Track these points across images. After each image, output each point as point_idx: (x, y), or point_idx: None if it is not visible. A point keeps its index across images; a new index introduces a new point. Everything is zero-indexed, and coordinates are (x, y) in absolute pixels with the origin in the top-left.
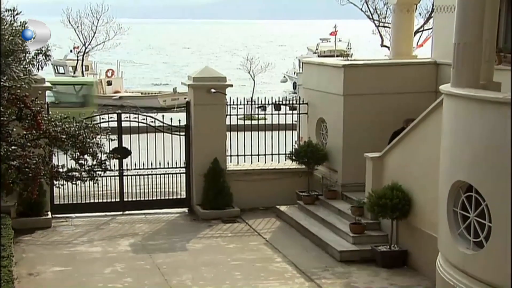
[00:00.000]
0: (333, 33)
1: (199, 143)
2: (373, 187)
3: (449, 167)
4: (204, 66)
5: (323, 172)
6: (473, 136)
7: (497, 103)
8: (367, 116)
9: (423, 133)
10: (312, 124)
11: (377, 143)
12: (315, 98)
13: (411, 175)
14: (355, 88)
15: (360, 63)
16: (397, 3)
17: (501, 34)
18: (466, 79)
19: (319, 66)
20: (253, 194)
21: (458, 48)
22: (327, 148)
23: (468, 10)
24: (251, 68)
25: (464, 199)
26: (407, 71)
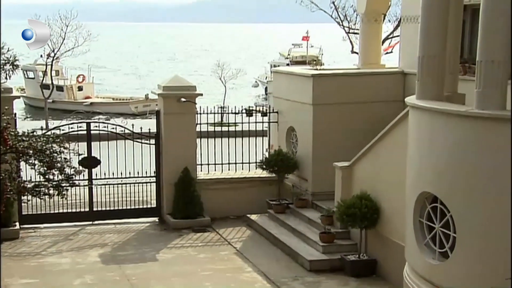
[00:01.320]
0: (305, 38)
1: (169, 152)
2: (342, 197)
3: (415, 178)
4: (174, 75)
5: (294, 181)
6: (437, 148)
7: (460, 116)
8: (337, 125)
9: (391, 143)
10: (282, 133)
11: (347, 152)
12: (285, 107)
13: (380, 184)
14: (324, 97)
15: (329, 73)
16: (365, 13)
17: (465, 45)
18: (431, 92)
19: (288, 75)
20: (224, 203)
21: (423, 61)
22: (297, 156)
23: (431, 24)
24: (222, 74)
25: (429, 210)
26: (375, 80)
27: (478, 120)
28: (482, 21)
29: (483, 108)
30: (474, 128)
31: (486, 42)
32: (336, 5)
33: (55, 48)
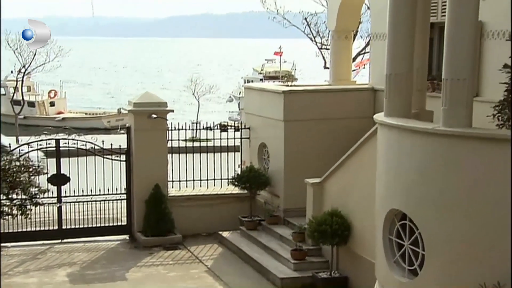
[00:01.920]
0: (278, 53)
1: (140, 168)
2: (314, 213)
3: (384, 195)
4: (145, 91)
5: (266, 197)
6: (405, 165)
7: (427, 133)
8: (308, 141)
9: (361, 159)
10: (254, 149)
11: (319, 168)
12: (256, 123)
13: (350, 201)
14: (295, 113)
15: (300, 89)
16: (336, 30)
17: (434, 62)
18: (398, 109)
19: (260, 92)
20: (196, 220)
21: (390, 78)
22: (269, 173)
23: (398, 42)
24: (196, 90)
25: (399, 227)
26: (346, 96)
27: (445, 138)
28: (447, 40)
29: (449, 125)
30: (441, 145)
31: (451, 60)
32: (309, 21)
33: (26, 63)
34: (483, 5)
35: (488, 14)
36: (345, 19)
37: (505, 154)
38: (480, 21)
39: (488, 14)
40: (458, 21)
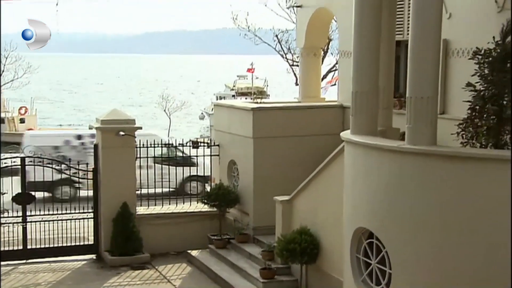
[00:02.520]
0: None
1: (108, 186)
2: (283, 231)
3: (351, 213)
4: (112, 108)
5: (235, 215)
6: (371, 183)
7: (392, 151)
8: (278, 158)
9: (329, 177)
10: (224, 166)
11: (289, 186)
12: (226, 140)
13: (319, 218)
14: (264, 130)
15: (269, 106)
16: (304, 47)
17: (401, 80)
18: (365, 126)
19: (229, 109)
20: (164, 239)
21: (356, 96)
22: (238, 190)
23: (363, 60)
24: (167, 106)
25: (366, 245)
26: (315, 114)
27: (410, 156)
28: (411, 58)
29: (414, 143)
30: (406, 163)
31: (415, 78)
32: (280, 38)
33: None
34: (447, 24)
35: (453, 32)
36: (314, 37)
37: (469, 172)
38: (445, 39)
39: (453, 33)
40: (421, 40)
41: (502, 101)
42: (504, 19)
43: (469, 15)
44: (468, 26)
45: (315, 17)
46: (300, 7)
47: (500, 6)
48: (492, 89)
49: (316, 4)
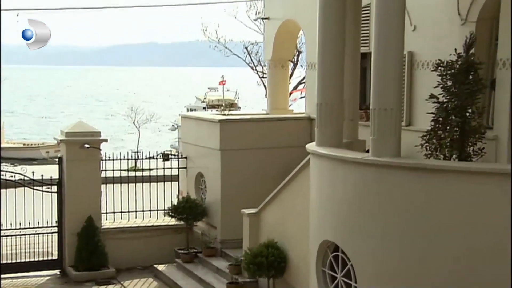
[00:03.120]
0: (222, 83)
1: (72, 200)
2: (250, 244)
3: (317, 226)
4: (78, 120)
5: (203, 229)
6: (337, 195)
7: (357, 163)
8: (245, 170)
9: (296, 189)
10: (191, 179)
11: (257, 198)
12: (193, 152)
13: (286, 231)
14: (232, 142)
15: (236, 118)
16: (272, 59)
17: (368, 91)
18: (330, 138)
19: (196, 121)
20: (130, 253)
21: (321, 108)
22: (206, 203)
23: (327, 71)
24: (136, 118)
25: (331, 258)
26: (283, 125)
27: (374, 168)
28: (374, 70)
29: (378, 155)
30: (370, 175)
31: (378, 90)
32: (249, 50)
33: None
34: (412, 36)
35: (418, 44)
36: (281, 49)
37: (432, 184)
38: (410, 51)
39: (418, 45)
40: (384, 52)
41: (465, 113)
42: (468, 32)
43: (433, 27)
44: (432, 38)
45: (282, 29)
46: (268, 19)
47: (463, 18)
48: (455, 100)
49: (283, 16)
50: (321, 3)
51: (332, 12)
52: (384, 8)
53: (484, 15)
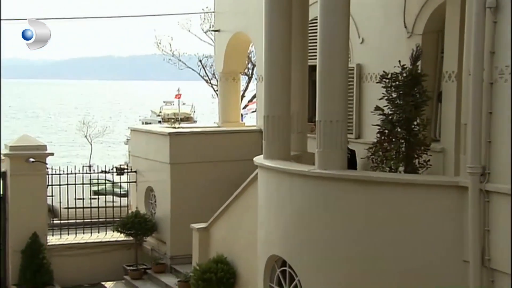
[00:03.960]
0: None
1: (16, 216)
2: (200, 260)
3: (264, 240)
4: (22, 134)
5: (153, 244)
6: (284, 209)
7: (304, 176)
8: (196, 184)
9: (245, 203)
10: (141, 193)
11: (207, 213)
12: (143, 166)
13: (236, 246)
14: (182, 156)
15: (186, 131)
16: (223, 72)
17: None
18: (277, 151)
19: (146, 134)
20: (77, 270)
21: (268, 120)
22: (156, 218)
23: (274, 84)
24: (88, 132)
25: (279, 274)
26: (234, 138)
27: (320, 180)
28: (319, 82)
29: (324, 168)
30: (317, 188)
31: (323, 102)
32: (204, 63)
33: None
34: (360, 48)
35: (366, 57)
36: (232, 61)
37: (379, 196)
38: (359, 64)
39: (366, 57)
40: (328, 64)
41: (411, 125)
42: (414, 44)
43: (381, 40)
44: (380, 51)
45: (233, 41)
46: (218, 32)
47: (409, 31)
48: (400, 113)
49: (234, 29)
50: (267, 15)
51: (278, 24)
52: (328, 20)
53: (429, 28)
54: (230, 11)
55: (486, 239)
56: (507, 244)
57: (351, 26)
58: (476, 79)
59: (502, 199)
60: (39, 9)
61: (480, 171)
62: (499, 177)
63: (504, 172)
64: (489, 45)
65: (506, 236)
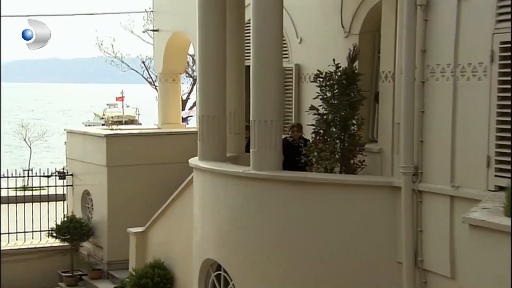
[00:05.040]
0: (120, 98)
1: None
2: (137, 265)
3: (199, 243)
4: None
5: (89, 249)
6: (218, 211)
7: (239, 177)
8: (134, 188)
9: (182, 206)
10: (78, 197)
11: (145, 217)
12: (80, 169)
13: (173, 250)
14: (119, 158)
15: (124, 133)
16: (162, 73)
17: None
18: (213, 152)
19: (83, 136)
20: (11, 277)
21: (202, 121)
22: (92, 222)
23: (208, 84)
24: (27, 135)
25: (214, 278)
26: (174, 140)
27: (255, 182)
28: (253, 82)
29: (259, 169)
30: (251, 190)
31: (258, 102)
32: (147, 65)
33: None
34: (299, 48)
35: (304, 57)
36: (172, 62)
37: (313, 197)
38: (297, 64)
39: (304, 57)
40: (262, 64)
41: (345, 125)
42: (351, 44)
43: (318, 40)
44: (318, 51)
45: (172, 41)
46: (157, 31)
47: (347, 31)
48: (335, 112)
49: (172, 29)
50: (200, 14)
51: (212, 23)
52: (260, 20)
53: (366, 28)
54: (169, 10)
55: (419, 240)
56: (440, 245)
57: (289, 26)
58: (408, 78)
59: (435, 199)
60: None
61: (412, 171)
62: (431, 176)
63: (436, 171)
64: (421, 43)
65: (438, 237)
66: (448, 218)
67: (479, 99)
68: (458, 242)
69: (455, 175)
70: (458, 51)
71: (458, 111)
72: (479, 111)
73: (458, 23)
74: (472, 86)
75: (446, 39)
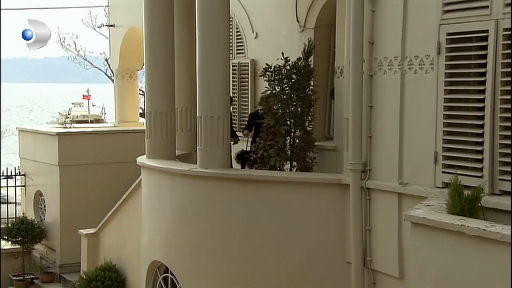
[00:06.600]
0: (86, 97)
1: None
2: (88, 268)
3: (147, 245)
4: None
5: (42, 252)
6: (165, 211)
7: (185, 175)
8: (88, 188)
9: (133, 207)
10: (30, 198)
11: (99, 218)
12: (31, 168)
13: (125, 253)
14: (72, 157)
15: (77, 131)
16: (119, 69)
17: None
18: (161, 150)
19: (34, 134)
20: None
21: (150, 117)
22: (45, 224)
23: (155, 79)
24: None
25: (161, 281)
26: (129, 139)
27: (201, 180)
28: (199, 77)
29: (206, 166)
30: (198, 188)
31: (204, 97)
32: (109, 62)
33: None
34: (255, 44)
35: (260, 52)
36: (129, 58)
37: (262, 195)
38: (253, 59)
39: (260, 52)
40: (208, 58)
41: (296, 121)
42: (306, 39)
43: (274, 35)
44: (273, 46)
45: (128, 37)
46: (113, 27)
47: (302, 26)
48: (285, 107)
49: (128, 24)
50: (146, 6)
51: (158, 16)
52: (206, 15)
53: (321, 23)
54: (125, 5)
55: (367, 239)
56: (388, 244)
57: (245, 21)
58: (356, 71)
59: (383, 196)
60: None
61: (361, 168)
62: (380, 173)
63: (385, 168)
64: (368, 36)
65: (387, 236)
66: (396, 217)
67: (426, 93)
68: (406, 242)
69: (403, 171)
70: (406, 43)
71: (406, 105)
72: (426, 105)
73: (405, 13)
74: (419, 79)
75: (393, 30)
